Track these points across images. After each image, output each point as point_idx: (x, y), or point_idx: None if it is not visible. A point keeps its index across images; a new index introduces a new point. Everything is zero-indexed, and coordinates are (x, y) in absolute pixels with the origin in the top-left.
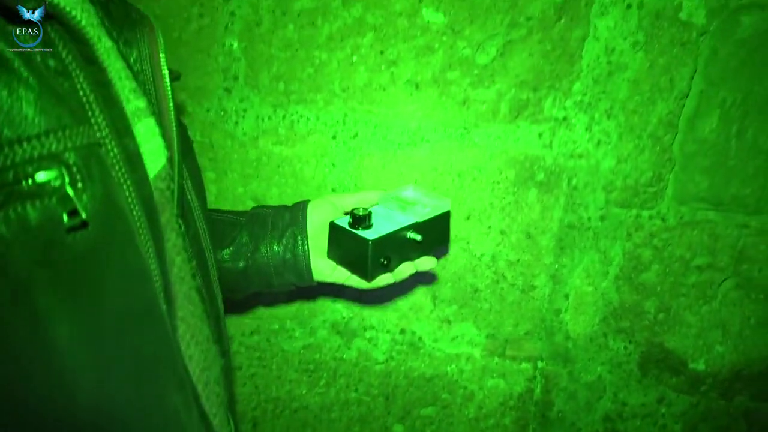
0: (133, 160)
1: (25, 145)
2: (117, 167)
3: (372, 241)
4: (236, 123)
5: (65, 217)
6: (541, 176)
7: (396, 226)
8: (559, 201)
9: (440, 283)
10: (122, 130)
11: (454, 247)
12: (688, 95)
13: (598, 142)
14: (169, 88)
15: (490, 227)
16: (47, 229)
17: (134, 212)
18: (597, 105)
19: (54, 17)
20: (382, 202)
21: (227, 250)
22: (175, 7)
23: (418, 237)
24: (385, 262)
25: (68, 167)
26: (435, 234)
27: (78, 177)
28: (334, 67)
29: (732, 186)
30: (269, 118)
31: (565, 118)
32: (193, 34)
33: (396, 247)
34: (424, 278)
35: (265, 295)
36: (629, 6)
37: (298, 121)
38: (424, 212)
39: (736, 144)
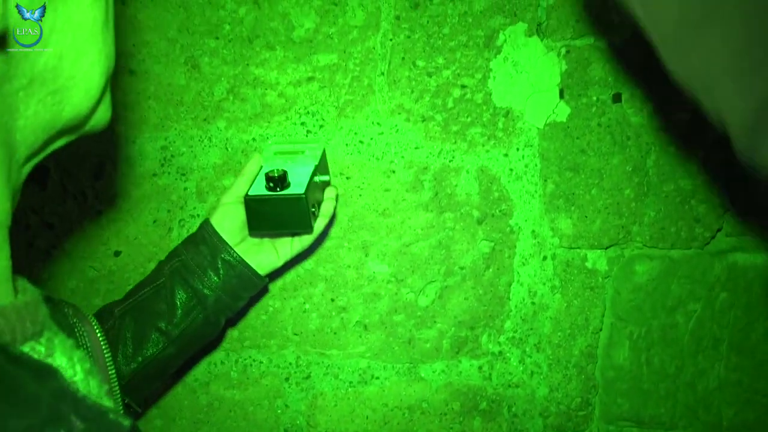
0: None
1: None
2: None
3: (305, 194)
4: (187, 371)
5: None
6: (483, 405)
7: (307, 174)
8: (502, 428)
9: None
10: None
11: None
12: (601, 329)
13: (532, 373)
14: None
15: None
16: None
17: None
18: (527, 340)
19: None
20: (267, 162)
21: (177, 318)
22: (131, 263)
23: (326, 177)
24: (314, 209)
25: None
26: (324, 171)
27: None
28: (287, 314)
29: (648, 407)
30: (222, 363)
31: (500, 352)
32: None
33: (314, 193)
34: None
35: None
36: (545, 258)
37: (251, 365)
38: (314, 155)
39: (646, 370)
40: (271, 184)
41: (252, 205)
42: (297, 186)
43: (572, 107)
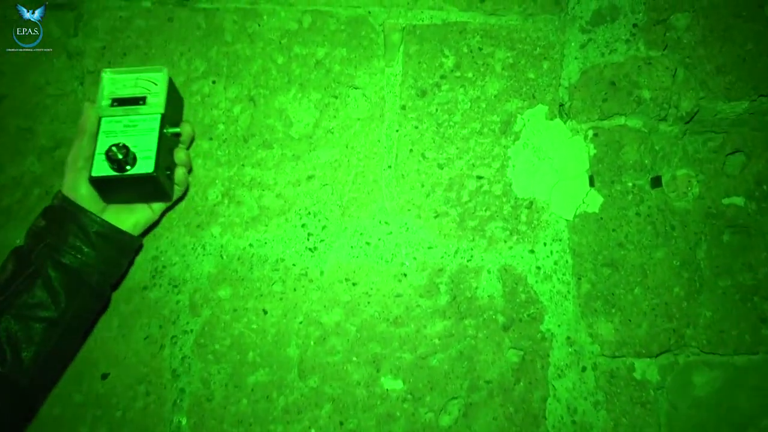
0: None
1: None
2: None
3: (154, 171)
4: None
5: None
6: None
7: (153, 136)
8: None
9: None
10: None
11: None
12: None
13: None
14: None
15: None
16: None
17: None
18: None
19: None
20: (104, 114)
21: (63, 303)
22: (120, 386)
23: (177, 129)
24: (169, 172)
25: None
26: (175, 107)
27: None
28: None
29: None
30: None
31: None
32: (138, 413)
33: (165, 152)
34: None
35: None
36: (584, 368)
37: None
38: (158, 100)
39: None
40: (115, 165)
41: (99, 185)
42: (144, 160)
43: (605, 195)
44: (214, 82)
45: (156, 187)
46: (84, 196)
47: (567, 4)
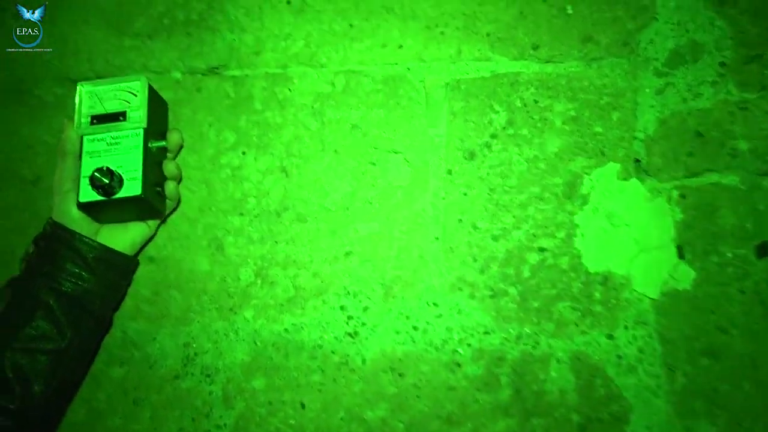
0: None
1: None
2: None
3: (142, 193)
4: None
5: None
6: None
7: (138, 153)
8: None
9: None
10: None
11: None
12: None
13: None
14: None
15: None
16: None
17: None
18: None
19: None
20: (85, 133)
21: (68, 334)
22: None
23: (162, 142)
24: (159, 189)
25: None
26: (158, 117)
27: None
28: None
29: None
30: None
31: None
32: None
33: (153, 168)
34: None
35: None
36: None
37: None
38: (139, 114)
39: None
40: (101, 191)
41: (88, 209)
42: (131, 181)
43: (698, 269)
44: (244, 153)
45: (147, 207)
46: (75, 219)
47: (637, 45)
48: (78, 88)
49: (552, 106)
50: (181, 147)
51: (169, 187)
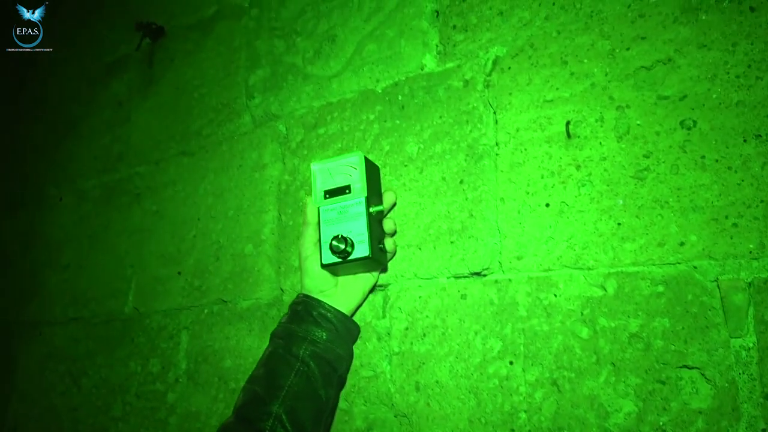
0: None
1: None
2: None
3: (371, 254)
4: None
5: None
6: None
7: (363, 219)
8: None
9: None
10: None
11: None
12: None
13: None
14: None
15: None
16: None
17: None
18: None
19: None
20: (321, 205)
21: (330, 394)
22: None
23: (380, 207)
24: (381, 246)
25: None
26: (374, 183)
27: None
28: None
29: None
30: None
31: None
32: None
33: (375, 228)
34: None
35: None
36: None
37: None
38: (360, 186)
39: None
40: (340, 256)
41: (329, 269)
42: (360, 243)
43: None
44: (511, 363)
45: (373, 263)
46: (320, 275)
47: None
48: (312, 168)
49: None
50: (395, 204)
51: (389, 243)
